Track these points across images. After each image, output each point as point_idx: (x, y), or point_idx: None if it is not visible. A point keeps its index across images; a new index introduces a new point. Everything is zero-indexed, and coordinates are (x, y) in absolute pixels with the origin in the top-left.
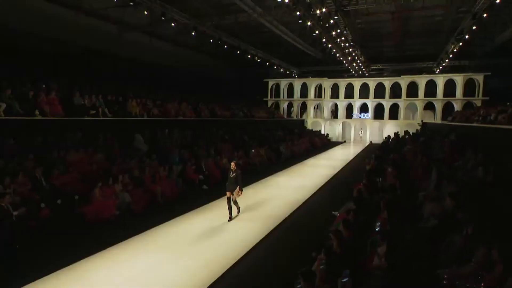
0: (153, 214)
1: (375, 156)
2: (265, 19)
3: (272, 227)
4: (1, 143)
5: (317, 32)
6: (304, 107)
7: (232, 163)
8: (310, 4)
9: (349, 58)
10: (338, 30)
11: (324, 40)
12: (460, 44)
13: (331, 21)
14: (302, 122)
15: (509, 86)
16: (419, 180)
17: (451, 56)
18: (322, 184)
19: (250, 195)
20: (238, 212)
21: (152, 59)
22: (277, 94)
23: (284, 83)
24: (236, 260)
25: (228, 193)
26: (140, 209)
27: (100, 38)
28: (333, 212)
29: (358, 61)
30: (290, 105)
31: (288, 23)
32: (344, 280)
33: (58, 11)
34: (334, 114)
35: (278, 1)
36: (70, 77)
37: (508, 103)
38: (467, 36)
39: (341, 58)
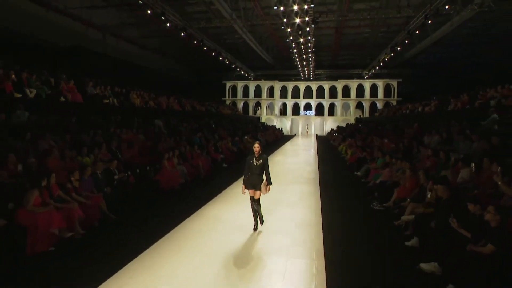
0: (198, 185)
1: (347, 137)
2: (238, 25)
3: (318, 186)
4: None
5: (291, 37)
6: (258, 105)
7: (256, 145)
8: (297, 13)
9: (304, 63)
10: (309, 37)
11: (293, 45)
12: (392, 54)
13: (308, 29)
14: (258, 119)
15: (413, 90)
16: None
17: (381, 64)
18: (316, 160)
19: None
20: (262, 222)
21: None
22: (234, 95)
23: (240, 85)
24: (320, 204)
25: (251, 191)
26: (190, 181)
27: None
28: (355, 173)
29: (310, 66)
30: (246, 104)
31: (250, 31)
32: None
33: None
34: (282, 111)
35: (274, 9)
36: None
37: (434, 97)
38: (399, 48)
39: (298, 63)
